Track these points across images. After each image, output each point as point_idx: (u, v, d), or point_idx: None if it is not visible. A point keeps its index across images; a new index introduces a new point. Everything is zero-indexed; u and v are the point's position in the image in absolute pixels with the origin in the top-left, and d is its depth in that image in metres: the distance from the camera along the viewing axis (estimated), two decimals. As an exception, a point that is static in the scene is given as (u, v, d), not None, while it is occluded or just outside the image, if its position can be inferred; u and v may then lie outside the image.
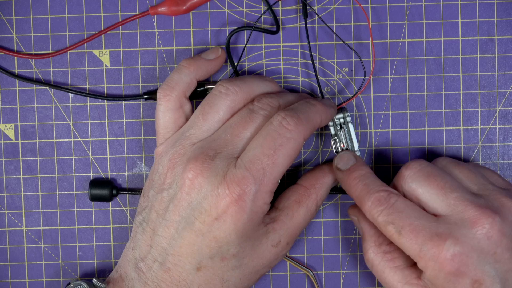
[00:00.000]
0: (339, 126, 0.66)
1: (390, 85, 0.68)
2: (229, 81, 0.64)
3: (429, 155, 0.69)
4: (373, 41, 0.68)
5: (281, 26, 0.68)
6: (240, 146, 0.61)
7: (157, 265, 0.62)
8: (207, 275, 0.61)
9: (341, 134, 0.66)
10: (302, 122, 0.61)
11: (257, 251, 0.62)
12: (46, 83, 0.69)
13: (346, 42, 0.68)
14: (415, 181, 0.61)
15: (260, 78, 0.65)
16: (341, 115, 0.66)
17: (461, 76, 0.68)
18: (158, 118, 0.65)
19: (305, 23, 0.67)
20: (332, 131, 0.66)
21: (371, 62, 0.68)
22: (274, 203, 0.64)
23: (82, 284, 0.64)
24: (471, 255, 0.58)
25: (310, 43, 0.68)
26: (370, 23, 0.68)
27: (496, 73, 0.68)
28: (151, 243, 0.62)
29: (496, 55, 0.68)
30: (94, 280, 0.63)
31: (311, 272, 0.69)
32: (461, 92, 0.68)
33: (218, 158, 0.60)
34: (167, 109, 0.64)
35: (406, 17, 0.68)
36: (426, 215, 0.60)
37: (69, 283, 0.65)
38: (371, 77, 0.68)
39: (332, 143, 0.66)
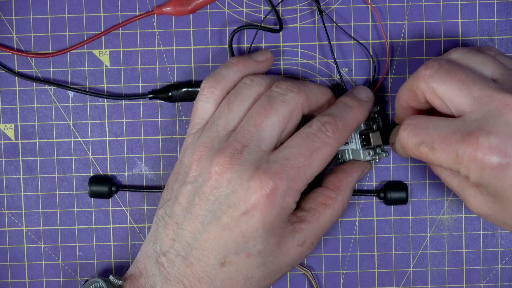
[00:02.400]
0: (371, 120, 0.66)
1: (390, 85, 0.69)
2: (253, 74, 0.64)
3: (429, 155, 0.69)
4: (372, 41, 0.68)
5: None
6: (265, 136, 0.61)
7: (180, 259, 0.61)
8: (231, 271, 0.61)
9: (374, 128, 0.66)
10: (340, 131, 0.61)
11: (282, 249, 0.61)
12: (46, 81, 0.69)
13: (347, 41, 0.68)
14: (436, 79, 0.58)
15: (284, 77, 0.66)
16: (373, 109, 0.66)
17: (461, 76, 0.68)
18: (196, 108, 0.64)
19: (322, 19, 0.67)
20: (363, 126, 0.65)
21: (381, 61, 0.68)
22: (299, 204, 0.64)
23: (98, 281, 0.63)
24: (508, 142, 0.55)
25: (310, 43, 0.68)
26: (381, 22, 0.68)
27: (496, 73, 0.68)
28: (174, 237, 0.62)
29: (496, 55, 0.68)
30: (111, 277, 0.63)
31: (310, 272, 0.69)
32: (461, 92, 0.68)
33: (246, 152, 0.60)
34: (208, 101, 0.64)
35: (406, 17, 0.68)
36: (452, 119, 0.58)
37: (86, 280, 0.65)
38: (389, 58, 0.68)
39: (356, 137, 0.66)
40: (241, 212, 0.59)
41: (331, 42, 0.68)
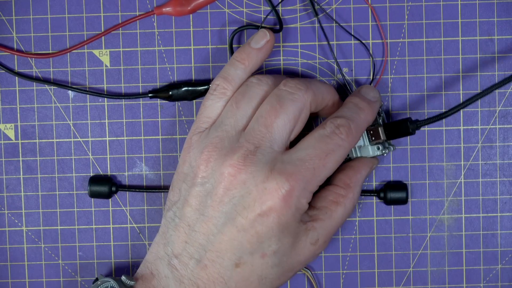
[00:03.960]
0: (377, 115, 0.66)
1: (390, 85, 0.69)
2: (260, 74, 0.64)
3: (429, 155, 0.69)
4: (372, 41, 0.68)
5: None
6: (277, 137, 0.61)
7: (193, 262, 0.61)
8: (246, 272, 0.60)
9: (380, 122, 0.66)
10: (352, 133, 0.62)
11: (296, 249, 0.61)
12: (46, 81, 0.69)
13: (347, 41, 0.68)
14: None
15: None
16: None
17: (461, 76, 0.68)
18: (204, 106, 0.64)
19: (319, 20, 0.67)
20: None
21: (380, 61, 0.68)
22: (311, 203, 0.63)
23: (109, 281, 0.63)
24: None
25: (310, 43, 0.68)
26: (379, 22, 0.68)
27: (496, 73, 0.68)
28: (186, 239, 0.61)
29: (496, 55, 0.68)
30: (123, 278, 0.62)
31: (310, 272, 0.69)
32: (461, 92, 0.68)
33: (260, 153, 0.60)
34: (218, 101, 0.64)
35: (406, 17, 0.68)
36: None
37: (96, 279, 0.64)
38: (388, 58, 0.68)
39: (363, 134, 0.65)
40: (256, 213, 0.59)
41: (331, 42, 0.68)
